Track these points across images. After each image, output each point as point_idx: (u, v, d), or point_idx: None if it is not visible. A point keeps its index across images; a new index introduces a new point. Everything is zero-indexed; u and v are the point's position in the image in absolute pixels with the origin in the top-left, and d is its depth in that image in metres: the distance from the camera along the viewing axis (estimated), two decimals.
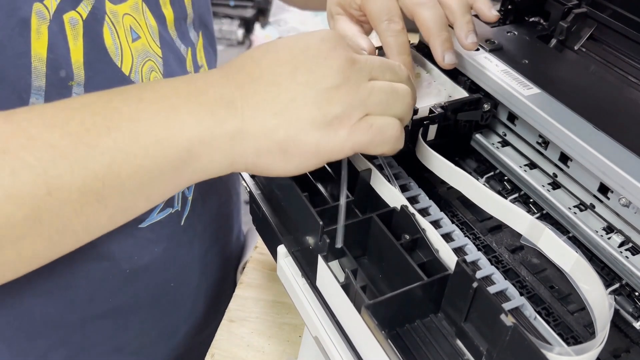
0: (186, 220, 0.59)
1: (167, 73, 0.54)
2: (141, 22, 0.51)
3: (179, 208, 0.58)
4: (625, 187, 0.39)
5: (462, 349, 0.36)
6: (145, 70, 0.51)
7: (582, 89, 0.49)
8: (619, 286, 0.42)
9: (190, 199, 0.59)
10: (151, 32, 0.52)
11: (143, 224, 0.54)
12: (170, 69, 0.54)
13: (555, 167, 0.48)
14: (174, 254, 0.59)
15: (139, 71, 0.50)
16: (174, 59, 0.55)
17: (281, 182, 0.43)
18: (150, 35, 0.52)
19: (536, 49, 0.54)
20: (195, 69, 0.60)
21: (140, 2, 0.51)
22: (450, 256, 0.37)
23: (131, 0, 0.50)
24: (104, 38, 0.47)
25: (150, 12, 0.52)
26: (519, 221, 0.41)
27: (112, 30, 0.47)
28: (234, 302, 0.59)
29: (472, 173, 0.52)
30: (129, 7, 0.50)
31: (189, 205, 0.59)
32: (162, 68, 0.53)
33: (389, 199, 0.42)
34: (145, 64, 0.51)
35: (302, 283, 0.43)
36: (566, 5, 0.55)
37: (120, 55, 0.48)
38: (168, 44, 0.55)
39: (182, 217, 0.58)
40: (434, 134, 0.49)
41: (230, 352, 0.54)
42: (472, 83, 0.51)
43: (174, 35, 0.56)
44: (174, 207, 0.57)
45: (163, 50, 0.53)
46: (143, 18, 0.51)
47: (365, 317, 0.34)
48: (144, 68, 0.51)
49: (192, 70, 0.59)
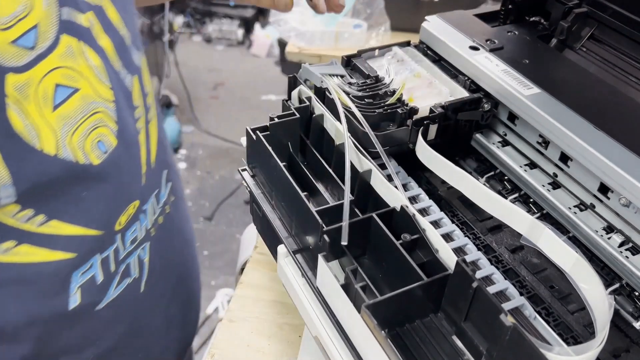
0: (146, 285, 0.58)
1: (120, 117, 0.48)
2: (80, 67, 0.44)
3: (137, 274, 0.57)
4: (626, 187, 0.39)
5: (462, 349, 0.36)
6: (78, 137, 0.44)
7: (582, 88, 0.49)
8: (619, 286, 0.42)
9: (146, 261, 0.58)
10: (97, 74, 0.45)
11: (100, 306, 0.53)
12: (122, 112, 0.49)
13: (556, 167, 0.48)
14: (138, 326, 0.59)
15: (67, 144, 0.43)
16: (124, 97, 0.50)
17: (281, 182, 0.43)
18: (96, 77, 0.45)
19: (537, 49, 0.54)
20: (144, 97, 0.54)
21: (76, 42, 0.43)
22: (450, 256, 0.37)
23: (61, 47, 0.42)
24: (11, 124, 0.39)
25: (92, 48, 0.45)
26: (519, 221, 0.41)
27: (18, 111, 0.40)
28: (234, 302, 0.59)
29: (473, 173, 0.52)
30: (59, 58, 0.42)
31: (147, 268, 0.58)
32: (115, 114, 0.48)
33: (389, 198, 0.42)
34: (83, 125, 0.44)
35: (302, 283, 0.43)
36: (567, 5, 0.55)
37: (37, 137, 0.41)
38: (116, 80, 0.49)
39: (141, 282, 0.58)
40: (434, 133, 0.49)
41: (230, 352, 0.54)
42: (473, 83, 0.51)
43: (119, 67, 0.49)
44: (131, 275, 0.56)
45: (115, 89, 0.48)
46: (83, 61, 0.44)
47: (365, 317, 0.34)
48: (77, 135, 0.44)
49: (141, 101, 0.53)
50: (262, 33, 3.29)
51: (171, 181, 0.62)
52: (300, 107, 0.49)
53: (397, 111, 0.47)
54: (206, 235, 2.21)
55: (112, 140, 0.47)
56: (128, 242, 0.54)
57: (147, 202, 0.55)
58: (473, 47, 0.52)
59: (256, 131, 0.46)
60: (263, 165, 0.48)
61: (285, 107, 0.51)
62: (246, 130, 0.48)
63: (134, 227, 0.54)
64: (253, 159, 0.50)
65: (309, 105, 0.49)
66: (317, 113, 0.48)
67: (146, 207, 0.55)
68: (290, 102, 0.51)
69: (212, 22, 3.38)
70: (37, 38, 0.40)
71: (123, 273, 0.54)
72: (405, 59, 0.54)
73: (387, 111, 0.47)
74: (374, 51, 0.55)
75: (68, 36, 0.42)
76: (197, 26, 3.39)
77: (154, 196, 0.57)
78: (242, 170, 0.51)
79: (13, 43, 0.38)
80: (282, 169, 0.43)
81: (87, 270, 0.51)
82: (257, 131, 0.46)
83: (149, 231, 0.57)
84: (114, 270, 0.53)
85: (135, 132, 0.51)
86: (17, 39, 0.38)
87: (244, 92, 3.05)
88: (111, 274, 0.53)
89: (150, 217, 0.57)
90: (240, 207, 2.33)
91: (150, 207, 0.56)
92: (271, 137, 0.46)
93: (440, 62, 0.54)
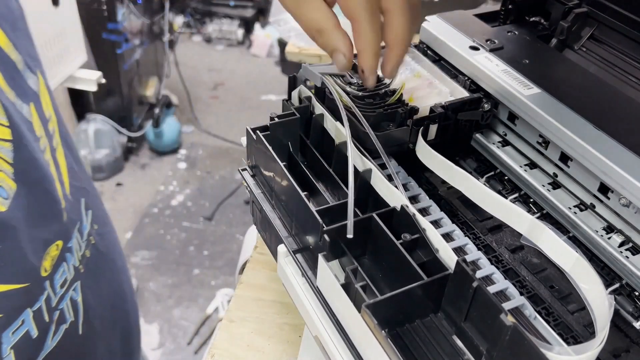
0: (83, 326, 0.55)
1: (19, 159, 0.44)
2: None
3: (72, 318, 0.54)
4: (626, 187, 0.39)
5: (462, 349, 0.36)
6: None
7: (582, 88, 0.49)
8: (619, 286, 0.42)
9: (79, 301, 0.55)
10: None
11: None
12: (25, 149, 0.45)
13: (556, 167, 0.48)
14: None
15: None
16: (27, 129, 0.46)
17: (281, 182, 0.43)
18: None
19: (537, 49, 0.54)
20: (44, 124, 0.51)
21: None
22: (451, 256, 0.37)
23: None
24: None
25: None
26: (519, 221, 0.41)
27: None
28: (234, 302, 0.59)
29: (473, 173, 0.52)
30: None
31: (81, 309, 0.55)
32: (11, 154, 0.44)
33: (389, 198, 0.42)
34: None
35: (302, 283, 0.43)
36: (567, 4, 0.55)
37: None
38: (13, 113, 0.44)
39: (78, 325, 0.54)
40: (434, 133, 0.49)
41: (230, 352, 0.54)
42: (473, 83, 0.51)
43: (13, 97, 0.45)
44: (67, 320, 0.52)
45: (13, 124, 0.44)
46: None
47: (365, 317, 0.34)
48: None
49: (42, 130, 0.50)
50: (262, 33, 3.29)
51: (90, 208, 0.59)
52: (300, 107, 0.49)
53: (398, 111, 0.47)
54: (206, 235, 2.21)
55: (11, 183, 0.44)
56: (58, 286, 0.50)
57: (70, 239, 0.52)
58: (473, 47, 0.52)
59: (256, 131, 0.46)
60: (263, 165, 0.48)
61: (285, 107, 0.51)
62: (246, 130, 0.48)
63: (61, 268, 0.51)
64: (253, 158, 0.50)
65: (309, 105, 0.49)
66: (317, 113, 0.48)
67: (71, 244, 0.52)
68: (290, 102, 0.51)
69: (212, 22, 3.38)
70: None
71: (58, 320, 0.51)
72: (405, 59, 0.54)
73: (387, 111, 0.47)
74: None
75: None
76: (197, 26, 3.40)
77: (77, 230, 0.54)
78: (242, 170, 0.51)
79: None
80: (282, 168, 0.43)
81: (18, 328, 0.46)
82: (257, 131, 0.46)
83: (78, 269, 0.54)
84: (48, 320, 0.50)
85: (46, 165, 0.48)
86: None
87: (244, 92, 3.05)
88: (46, 325, 0.49)
89: (77, 254, 0.54)
90: (240, 207, 2.34)
91: (75, 243, 0.53)
92: (271, 136, 0.46)
93: (440, 62, 0.54)
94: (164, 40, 2.66)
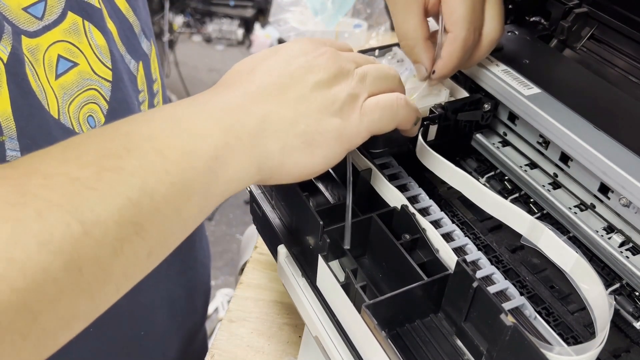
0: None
1: (114, 99, 0.49)
2: (82, 44, 0.46)
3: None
4: (626, 187, 0.39)
5: (462, 349, 0.36)
6: (74, 108, 0.46)
7: (582, 88, 0.49)
8: (619, 286, 0.42)
9: None
10: (98, 53, 0.48)
11: None
12: (121, 93, 0.50)
13: (556, 167, 0.48)
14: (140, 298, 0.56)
15: (65, 111, 0.45)
16: (128, 79, 0.51)
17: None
18: (98, 56, 0.47)
19: (537, 49, 0.54)
20: (149, 83, 0.56)
21: (81, 21, 0.46)
22: (451, 256, 0.37)
23: (66, 22, 0.45)
24: (29, 81, 0.42)
25: (97, 28, 0.47)
26: (519, 221, 0.41)
27: (32, 71, 0.42)
28: (234, 302, 0.59)
29: (473, 173, 0.52)
30: (62, 32, 0.44)
31: None
32: (109, 93, 0.49)
33: (389, 198, 0.42)
34: (78, 98, 0.46)
35: (302, 283, 0.43)
36: (567, 4, 0.55)
37: (45, 98, 0.43)
38: (119, 62, 0.50)
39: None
40: (434, 134, 0.49)
41: (230, 352, 0.54)
42: (473, 83, 0.51)
43: (123, 50, 0.51)
44: None
45: (115, 70, 0.49)
46: (86, 39, 0.46)
47: (365, 317, 0.34)
48: (73, 105, 0.46)
49: (145, 86, 0.55)
50: (262, 33, 3.29)
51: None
52: None
53: None
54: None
55: (101, 117, 0.49)
56: None
57: None
58: None
59: None
60: None
61: None
62: None
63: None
64: None
65: None
66: None
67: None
68: None
69: (212, 22, 3.38)
70: (44, 10, 0.43)
71: None
72: (406, 59, 0.54)
73: None
74: (374, 51, 0.55)
75: (74, 14, 0.45)
76: (197, 26, 3.40)
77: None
78: None
79: (25, 9, 0.42)
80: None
81: None
82: None
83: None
84: None
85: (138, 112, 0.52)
86: (28, 7, 0.42)
87: None
88: None
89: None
90: (240, 207, 2.33)
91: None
92: None
93: None
94: (163, 40, 2.66)
